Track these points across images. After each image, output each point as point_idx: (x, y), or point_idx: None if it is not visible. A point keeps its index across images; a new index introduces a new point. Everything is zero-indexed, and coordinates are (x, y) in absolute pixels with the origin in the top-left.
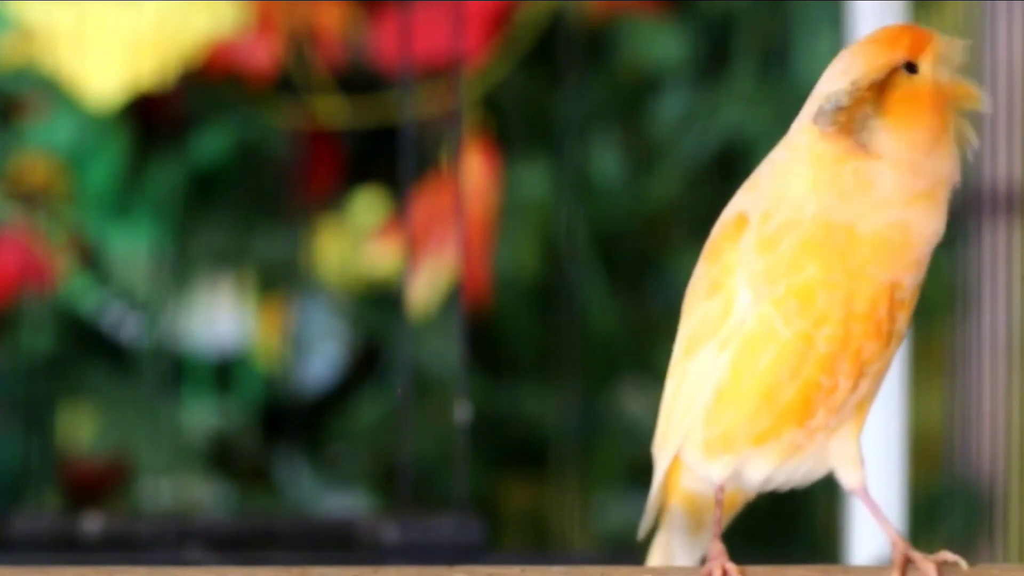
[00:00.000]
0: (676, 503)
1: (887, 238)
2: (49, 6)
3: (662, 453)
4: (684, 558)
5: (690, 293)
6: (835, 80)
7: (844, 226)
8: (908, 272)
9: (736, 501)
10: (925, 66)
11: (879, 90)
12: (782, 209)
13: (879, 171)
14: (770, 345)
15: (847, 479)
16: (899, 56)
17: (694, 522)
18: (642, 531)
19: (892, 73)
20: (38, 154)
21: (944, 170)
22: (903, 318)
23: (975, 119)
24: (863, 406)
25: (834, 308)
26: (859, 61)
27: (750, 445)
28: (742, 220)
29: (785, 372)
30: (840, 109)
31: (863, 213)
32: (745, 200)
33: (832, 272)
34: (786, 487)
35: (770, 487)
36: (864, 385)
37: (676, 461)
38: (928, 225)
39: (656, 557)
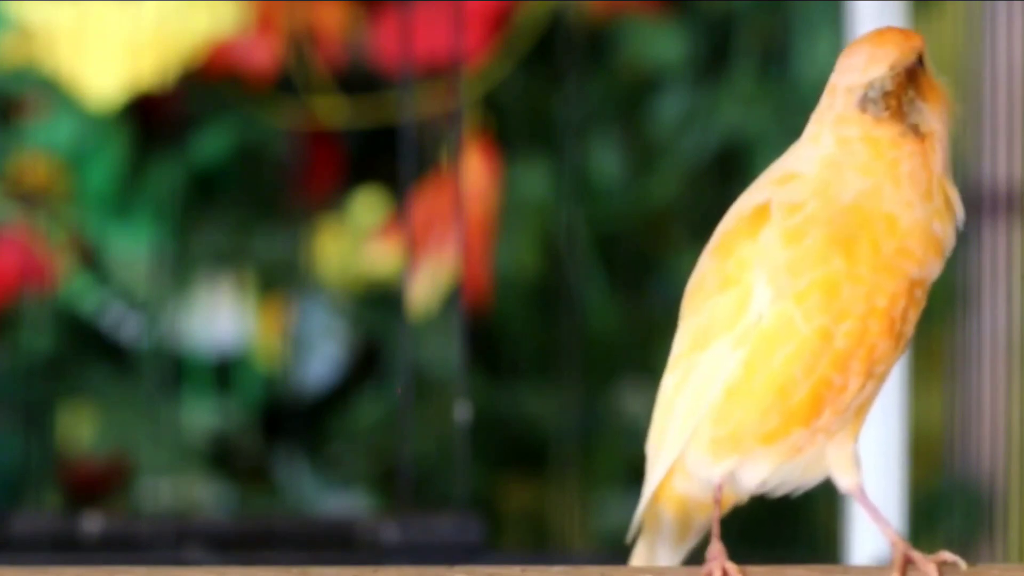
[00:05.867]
0: (664, 505)
1: (923, 230)
2: (49, 6)
3: (662, 452)
4: (665, 561)
5: (695, 288)
6: (857, 71)
7: (884, 215)
8: (933, 268)
9: (726, 503)
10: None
11: (911, 76)
12: (813, 200)
13: (930, 152)
14: (788, 342)
15: (843, 482)
16: (917, 46)
17: (680, 525)
18: (632, 533)
19: (917, 60)
20: (38, 154)
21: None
22: (913, 318)
23: (975, 119)
24: (862, 410)
25: (856, 302)
26: (888, 49)
27: (758, 444)
28: (762, 214)
29: (800, 369)
30: (888, 94)
31: (910, 202)
32: (764, 194)
33: (858, 264)
34: (779, 492)
35: (763, 491)
36: (870, 386)
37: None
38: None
39: (638, 559)
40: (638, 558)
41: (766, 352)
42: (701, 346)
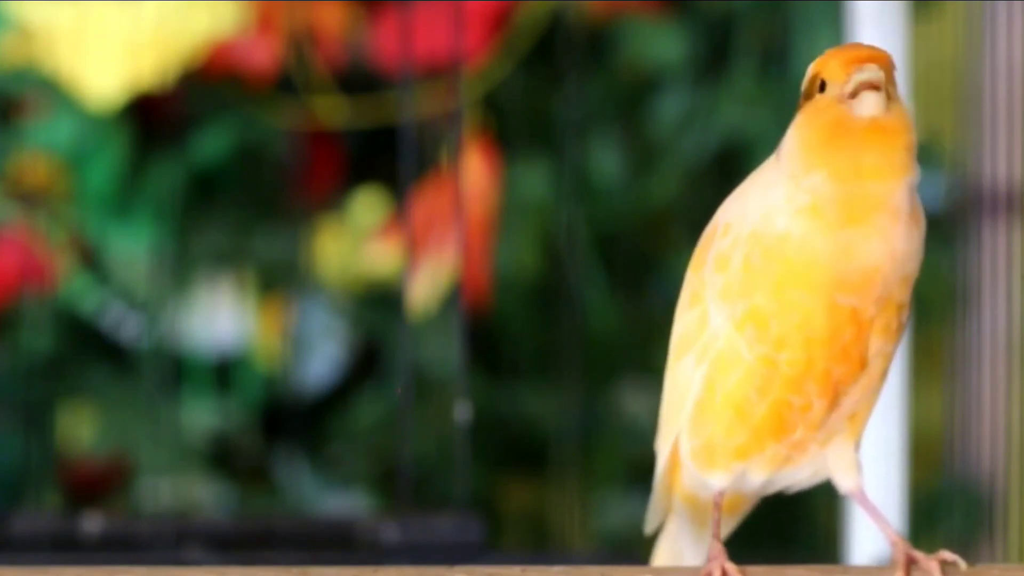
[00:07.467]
0: (679, 501)
1: (794, 256)
2: (49, 6)
3: (661, 450)
4: (692, 553)
5: (680, 298)
6: None
7: (772, 242)
8: (851, 294)
9: (739, 504)
10: (834, 88)
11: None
12: (740, 223)
13: (778, 179)
14: (737, 366)
15: (843, 484)
16: (817, 72)
17: (698, 519)
18: (649, 526)
19: (810, 87)
20: (38, 154)
21: (829, 191)
22: (880, 342)
23: (975, 119)
24: (857, 416)
25: (790, 333)
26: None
27: (734, 459)
28: (714, 231)
29: (753, 391)
30: None
31: (770, 223)
32: (722, 209)
33: (775, 298)
34: (791, 490)
35: (772, 490)
36: (848, 402)
37: (677, 460)
38: (820, 244)
39: (663, 552)
40: (662, 551)
41: (722, 372)
42: (677, 357)
